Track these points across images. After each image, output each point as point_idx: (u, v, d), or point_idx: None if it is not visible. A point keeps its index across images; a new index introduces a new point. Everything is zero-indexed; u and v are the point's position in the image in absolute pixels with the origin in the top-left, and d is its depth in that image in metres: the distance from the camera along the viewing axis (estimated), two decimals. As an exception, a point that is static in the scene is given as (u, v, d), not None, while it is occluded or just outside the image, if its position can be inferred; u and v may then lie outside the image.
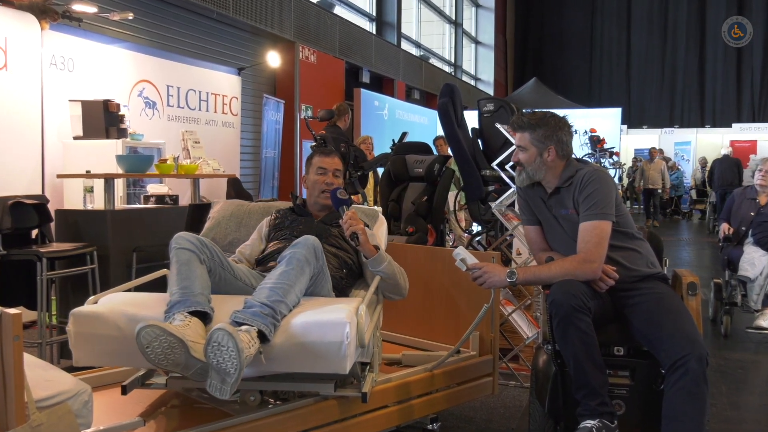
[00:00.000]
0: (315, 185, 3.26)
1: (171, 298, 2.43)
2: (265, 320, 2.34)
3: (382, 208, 5.45)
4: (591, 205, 2.81)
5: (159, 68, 7.87)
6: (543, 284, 2.88)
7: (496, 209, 4.67)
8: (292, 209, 3.33)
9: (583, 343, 2.63)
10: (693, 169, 20.41)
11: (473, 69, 24.07)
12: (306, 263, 2.56)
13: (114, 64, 7.23)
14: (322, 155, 3.32)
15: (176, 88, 8.11)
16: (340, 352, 2.35)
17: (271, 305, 2.38)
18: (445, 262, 3.60)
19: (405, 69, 16.37)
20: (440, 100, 5.21)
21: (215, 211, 3.48)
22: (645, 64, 27.56)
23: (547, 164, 2.96)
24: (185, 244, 2.58)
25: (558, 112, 3.10)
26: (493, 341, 3.45)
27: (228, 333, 2.17)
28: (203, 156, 6.31)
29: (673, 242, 13.00)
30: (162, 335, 2.19)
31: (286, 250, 2.61)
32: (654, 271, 2.91)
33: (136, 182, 6.54)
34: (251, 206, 3.51)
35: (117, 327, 2.41)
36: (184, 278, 2.48)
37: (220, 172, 6.29)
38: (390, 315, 3.62)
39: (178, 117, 8.13)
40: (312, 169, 3.28)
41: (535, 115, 3.00)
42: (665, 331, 2.61)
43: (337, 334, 2.34)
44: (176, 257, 2.55)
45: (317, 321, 2.39)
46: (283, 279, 2.49)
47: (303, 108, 11.26)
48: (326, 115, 6.45)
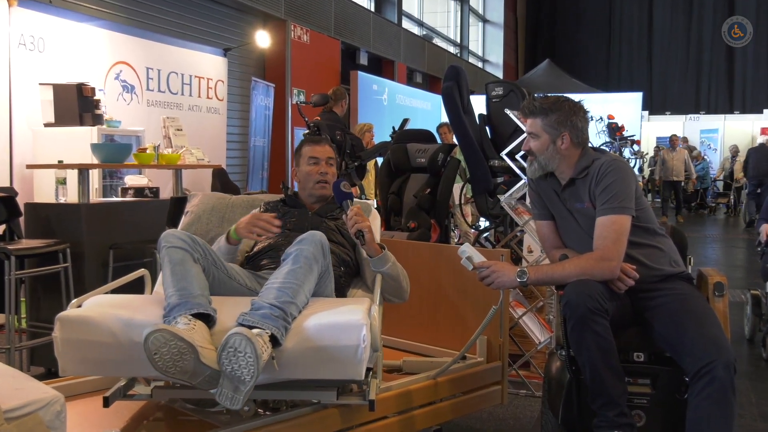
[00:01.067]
0: (308, 177, 3.27)
1: (168, 301, 2.43)
2: (276, 323, 2.35)
3: (381, 201, 5.45)
4: (609, 198, 2.80)
5: (138, 49, 7.86)
6: (556, 284, 2.88)
7: (506, 203, 4.67)
8: (283, 201, 3.34)
9: (600, 349, 2.63)
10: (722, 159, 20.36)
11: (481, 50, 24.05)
12: (314, 261, 2.58)
13: (89, 44, 7.21)
14: (311, 144, 3.33)
15: (156, 71, 8.10)
16: (356, 357, 2.36)
17: (281, 306, 2.39)
18: (450, 261, 3.60)
19: (406, 50, 16.35)
20: (445, 83, 5.20)
21: (193, 205, 3.48)
22: (668, 43, 27.55)
23: (560, 153, 2.96)
24: (177, 242, 2.59)
25: (573, 97, 3.09)
26: (502, 346, 3.46)
27: (246, 338, 2.19)
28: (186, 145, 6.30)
29: (698, 239, 13.01)
30: (172, 340, 2.19)
31: (291, 246, 2.62)
32: (677, 270, 2.91)
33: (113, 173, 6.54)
34: (233, 199, 3.52)
35: (111, 333, 2.39)
36: (180, 279, 2.48)
37: (205, 163, 6.29)
38: (389, 318, 3.61)
39: (158, 102, 8.12)
40: (303, 160, 3.30)
41: (547, 99, 3.01)
42: (689, 335, 2.62)
43: (352, 336, 2.36)
44: (168, 257, 2.55)
45: (331, 323, 2.40)
46: (291, 278, 2.50)
47: (295, 92, 11.25)
48: (320, 101, 6.44)
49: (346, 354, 2.35)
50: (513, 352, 4.14)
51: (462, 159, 5.75)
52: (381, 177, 5.55)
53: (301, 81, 11.45)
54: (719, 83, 27.16)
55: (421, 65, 17.46)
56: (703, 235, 13.96)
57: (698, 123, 23.16)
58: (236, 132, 10.41)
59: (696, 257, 4.58)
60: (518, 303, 4.54)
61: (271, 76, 11.08)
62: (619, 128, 15.28)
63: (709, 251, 11.43)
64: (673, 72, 27.59)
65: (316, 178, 3.26)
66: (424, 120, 14.44)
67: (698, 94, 27.38)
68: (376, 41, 14.73)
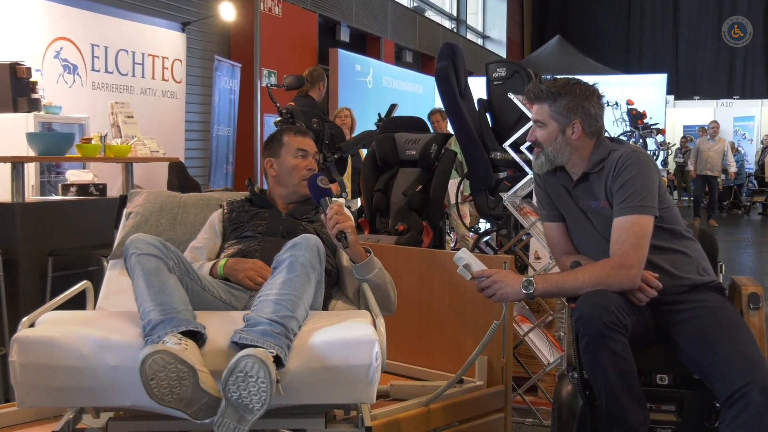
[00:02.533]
0: (294, 171, 3.28)
1: (148, 317, 2.43)
2: (278, 341, 2.36)
3: (365, 200, 5.45)
4: (628, 196, 2.82)
5: (81, 23, 7.81)
6: (568, 296, 2.89)
7: (509, 202, 4.68)
8: (249, 200, 3.34)
9: (617, 370, 2.64)
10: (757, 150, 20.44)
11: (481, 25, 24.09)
12: (311, 269, 2.60)
13: (23, 17, 7.17)
14: (298, 134, 3.34)
15: (103, 48, 8.06)
16: (368, 377, 2.38)
17: (281, 322, 2.41)
18: (445, 269, 3.61)
19: (394, 24, 16.37)
20: (438, 63, 5.21)
21: (137, 205, 3.47)
22: (697, 17, 27.65)
23: (571, 144, 2.97)
24: (149, 249, 2.59)
25: (587, 79, 3.11)
26: (505, 368, 3.47)
27: (260, 360, 2.20)
28: (138, 134, 6.27)
29: (731, 243, 13.08)
30: (172, 363, 2.20)
31: (283, 252, 2.63)
32: (706, 279, 2.93)
33: (52, 167, 6.50)
34: (185, 198, 3.51)
35: (81, 356, 2.37)
36: (157, 291, 2.49)
37: (160, 155, 6.27)
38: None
39: (105, 85, 8.08)
40: (287, 151, 3.30)
41: (556, 82, 3.02)
42: (720, 354, 2.63)
43: (364, 354, 2.38)
44: (140, 266, 2.56)
45: (339, 340, 2.42)
46: (288, 289, 2.51)
47: (265, 74, 11.23)
48: (294, 83, 6.43)
49: (356, 374, 2.38)
50: (518, 375, 4.15)
51: (458, 151, 5.76)
52: (365, 172, 5.55)
53: (272, 60, 11.43)
54: (756, 63, 27.27)
55: (412, 42, 17.47)
56: (737, 238, 14.04)
57: (731, 109, 23.25)
58: (196, 120, 10.37)
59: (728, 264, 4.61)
60: (523, 318, 4.55)
61: (237, 55, 11.05)
62: (640, 115, 15.25)
63: (743, 257, 11.49)
64: (702, 50, 27.70)
65: (304, 174, 3.26)
66: (415, 106, 14.44)
67: (732, 75, 27.50)
68: (359, 14, 14.74)
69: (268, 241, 3.12)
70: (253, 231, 3.15)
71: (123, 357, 2.35)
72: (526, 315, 4.63)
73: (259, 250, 3.07)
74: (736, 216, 18.45)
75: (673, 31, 27.98)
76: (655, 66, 24.85)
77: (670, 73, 22.05)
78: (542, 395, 4.42)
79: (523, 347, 4.40)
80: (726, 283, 3.12)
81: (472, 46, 21.56)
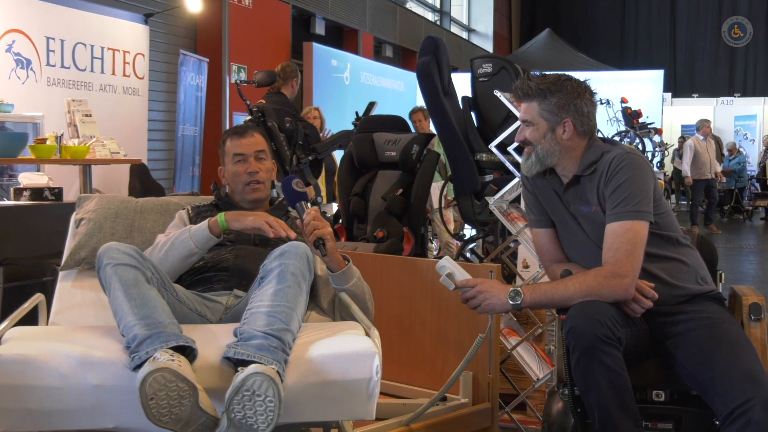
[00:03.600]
0: (235, 178, 3.30)
1: (132, 332, 2.42)
2: (276, 355, 2.38)
3: (341, 205, 5.45)
4: (621, 201, 2.83)
5: (35, 14, 7.78)
6: (558, 307, 2.90)
7: (496, 206, 4.69)
8: (215, 205, 3.34)
9: (611, 386, 2.65)
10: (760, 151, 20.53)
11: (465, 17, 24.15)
12: (302, 278, 2.63)
13: (-28, 7, 7.13)
14: (234, 137, 3.35)
15: (59, 41, 8.02)
16: (368, 392, 2.42)
17: (277, 335, 2.43)
18: (427, 278, 3.61)
19: (373, 17, 16.39)
20: (420, 58, 5.22)
21: (89, 211, 3.44)
22: (696, 10, 27.82)
23: (562, 144, 2.98)
24: (125, 259, 2.60)
25: (579, 76, 3.12)
26: (492, 384, 3.47)
27: (269, 378, 2.23)
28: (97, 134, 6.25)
29: (732, 250, 13.16)
30: (173, 381, 2.22)
31: (271, 260, 2.65)
32: (705, 289, 2.95)
33: (4, 170, 6.47)
34: (141, 203, 3.49)
35: (60, 375, 2.36)
36: (139, 305, 2.49)
37: (121, 157, 6.25)
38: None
39: (62, 81, 8.04)
40: (228, 158, 3.33)
41: (545, 78, 3.03)
42: (720, 369, 2.64)
43: (364, 368, 2.42)
44: (117, 277, 2.56)
45: (338, 353, 2.45)
46: (280, 300, 2.53)
47: (234, 69, 11.22)
48: (266, 79, 6.43)
49: (356, 389, 2.41)
50: (505, 391, 4.15)
51: (442, 152, 5.76)
52: (341, 175, 5.55)
53: (241, 55, 11.41)
54: (758, 59, 27.45)
55: (392, 36, 17.49)
56: (738, 245, 14.11)
57: (732, 107, 23.39)
58: (160, 119, 10.34)
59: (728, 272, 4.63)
60: (511, 330, 4.56)
61: (204, 49, 11.03)
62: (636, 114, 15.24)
63: (744, 265, 11.56)
64: (702, 46, 27.85)
65: (244, 179, 3.28)
66: (395, 104, 14.46)
67: (733, 72, 27.63)
68: (335, 6, 14.75)
69: (241, 249, 3.13)
70: (222, 239, 3.15)
71: (106, 375, 2.36)
72: (514, 327, 4.64)
73: (232, 259, 3.08)
74: (738, 221, 18.54)
75: (670, 25, 28.09)
76: (651, 62, 24.97)
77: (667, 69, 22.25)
78: (531, 413, 4.43)
79: (511, 362, 4.40)
80: (726, 292, 3.13)
81: (456, 39, 21.60)
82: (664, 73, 19.25)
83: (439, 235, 7.96)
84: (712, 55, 27.63)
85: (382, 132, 5.51)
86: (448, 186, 6.35)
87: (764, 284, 9.61)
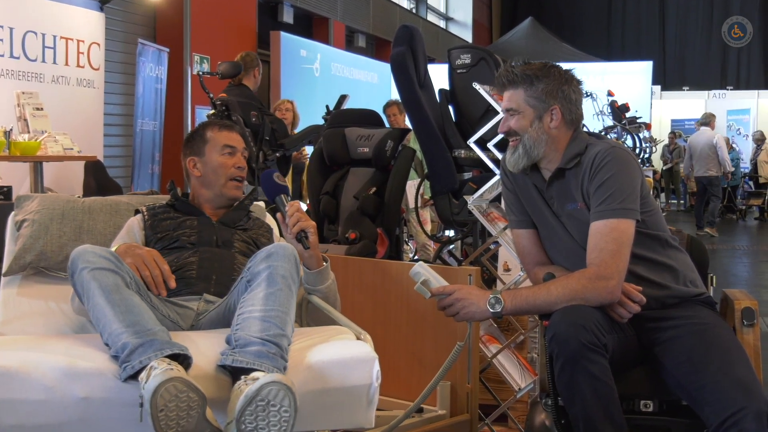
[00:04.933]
0: (220, 170, 3.29)
1: (120, 340, 2.42)
2: (276, 362, 2.42)
3: (311, 204, 5.45)
4: (606, 197, 2.83)
5: (-18, 0, 7.72)
6: (540, 313, 2.91)
7: (475, 206, 4.70)
8: (172, 206, 3.33)
9: (597, 396, 2.66)
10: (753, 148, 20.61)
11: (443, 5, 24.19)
12: (292, 281, 2.66)
13: None
14: (223, 129, 3.36)
15: (8, 30, 7.96)
16: (368, 398, 2.48)
17: (274, 341, 2.46)
18: (402, 282, 3.61)
19: (345, 4, 16.38)
20: (395, 49, 5.22)
21: (32, 211, 3.37)
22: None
23: (549, 133, 2.98)
24: (102, 263, 2.60)
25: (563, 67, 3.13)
26: (471, 395, 3.48)
27: (285, 387, 2.26)
28: (49, 129, 6.22)
29: (724, 251, 13.23)
30: (184, 392, 2.24)
31: (257, 262, 2.66)
32: (695, 293, 2.97)
33: (-51, 168, 6.42)
34: (88, 203, 3.45)
35: (44, 388, 2.35)
36: (124, 311, 2.49)
37: (75, 153, 6.21)
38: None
39: (10, 72, 7.98)
40: (212, 148, 3.31)
41: (530, 65, 3.03)
42: (710, 377, 2.66)
43: (364, 374, 2.48)
44: (96, 282, 2.56)
45: (337, 359, 2.51)
46: (273, 304, 2.56)
47: (196, 60, 11.18)
48: (230, 71, 6.41)
49: (356, 396, 2.48)
50: (485, 402, 4.16)
51: (418, 148, 5.77)
52: (311, 172, 5.55)
53: (204, 45, 11.37)
54: (752, 50, 27.63)
55: (365, 24, 17.50)
56: (731, 246, 14.19)
57: (724, 101, 23.53)
58: (117, 112, 10.29)
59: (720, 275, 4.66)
60: (491, 337, 4.57)
61: (163, 38, 10.98)
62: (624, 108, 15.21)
63: (737, 267, 11.62)
64: (693, 36, 28.00)
65: (231, 173, 3.28)
66: (369, 97, 14.47)
67: (725, 63, 27.81)
68: (304, -8, 14.73)
69: (205, 252, 3.12)
70: (183, 241, 3.14)
71: (94, 387, 2.36)
72: (494, 334, 4.65)
73: (197, 262, 3.07)
74: (731, 221, 18.63)
75: (659, 14, 28.20)
76: (639, 52, 25.11)
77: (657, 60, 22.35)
78: (513, 425, 4.44)
79: (491, 371, 4.41)
80: (717, 296, 3.15)
81: (433, 28, 21.63)
82: (653, 65, 19.35)
83: (415, 236, 7.96)
84: (703, 46, 27.78)
85: (355, 127, 5.52)
86: (424, 184, 6.36)
87: (758, 288, 9.67)
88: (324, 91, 13.04)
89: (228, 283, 2.98)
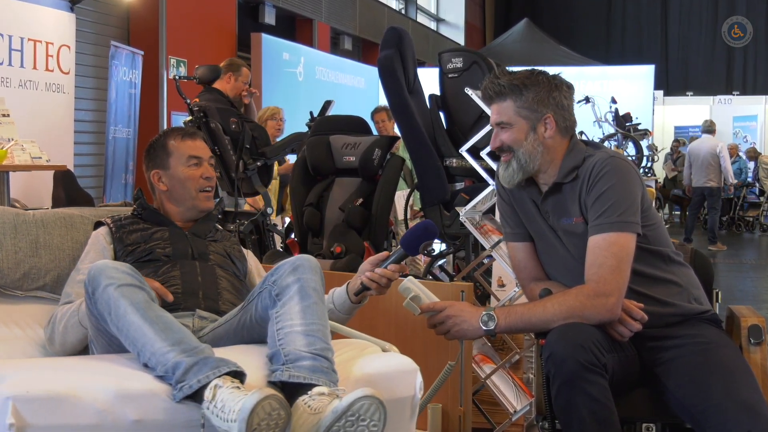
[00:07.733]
0: (188, 183, 3.29)
1: (170, 359, 2.45)
2: (330, 377, 2.50)
3: (294, 216, 5.44)
4: (605, 210, 2.84)
5: (-55, 0, 7.72)
6: (536, 331, 2.91)
7: (467, 218, 4.71)
8: (139, 215, 3.32)
9: (596, 419, 2.66)
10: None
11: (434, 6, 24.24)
12: (322, 294, 2.75)
13: None
14: (186, 137, 3.36)
15: (-27, 31, 7.97)
16: (411, 410, 2.59)
17: (323, 355, 2.53)
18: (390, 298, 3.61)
19: (330, 4, 16.40)
20: (383, 52, 5.23)
21: None
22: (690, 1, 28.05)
23: (544, 144, 2.98)
24: (127, 279, 2.63)
25: (561, 71, 3.13)
26: (463, 418, 3.48)
27: (377, 402, 2.32)
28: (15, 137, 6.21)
29: (729, 266, 13.24)
30: (276, 410, 2.30)
31: (283, 275, 2.70)
32: (699, 310, 2.98)
33: None
34: (39, 216, 3.41)
35: (96, 411, 2.37)
36: (164, 329, 2.53)
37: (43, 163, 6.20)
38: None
39: (-25, 76, 7.98)
40: (177, 160, 3.31)
41: (515, 74, 3.03)
42: (715, 398, 2.67)
43: (408, 386, 2.60)
44: (126, 299, 2.58)
45: (382, 371, 2.61)
46: (312, 318, 2.63)
47: (173, 63, 11.18)
48: (208, 75, 6.40)
49: (401, 408, 2.58)
50: (478, 425, 4.16)
51: (407, 157, 5.78)
52: (294, 183, 5.54)
53: (180, 48, 11.38)
54: (759, 55, 27.70)
55: (351, 26, 17.52)
56: (737, 261, 14.18)
57: (730, 107, 23.50)
58: (89, 119, 10.28)
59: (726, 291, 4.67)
60: (485, 357, 4.57)
61: (138, 41, 10.98)
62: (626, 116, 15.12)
63: (744, 283, 11.62)
64: (696, 39, 28.05)
65: (200, 185, 3.29)
66: (355, 103, 14.47)
67: (731, 68, 27.86)
68: (287, -8, 14.75)
69: (185, 265, 3.13)
70: (157, 253, 3.14)
71: (147, 409, 2.41)
72: (488, 354, 4.65)
73: (179, 276, 3.07)
74: (735, 234, 18.58)
75: (662, 15, 28.25)
76: (641, 56, 25.16)
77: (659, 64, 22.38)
78: (508, 450, 4.45)
79: (485, 392, 4.42)
80: (723, 313, 3.16)
81: (423, 31, 21.67)
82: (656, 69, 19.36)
83: (404, 250, 7.95)
84: (707, 49, 27.77)
85: (340, 134, 5.51)
86: (414, 195, 6.37)
87: (765, 304, 9.68)
88: (308, 97, 13.03)
89: (215, 297, 3.01)
